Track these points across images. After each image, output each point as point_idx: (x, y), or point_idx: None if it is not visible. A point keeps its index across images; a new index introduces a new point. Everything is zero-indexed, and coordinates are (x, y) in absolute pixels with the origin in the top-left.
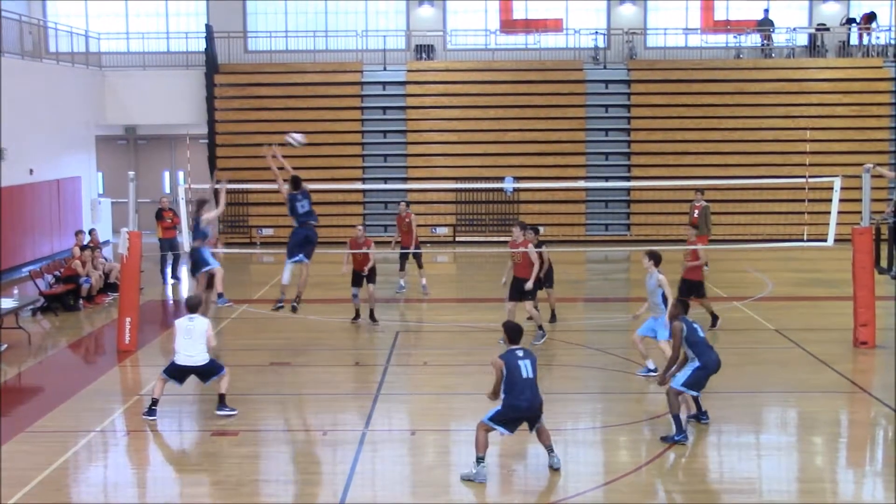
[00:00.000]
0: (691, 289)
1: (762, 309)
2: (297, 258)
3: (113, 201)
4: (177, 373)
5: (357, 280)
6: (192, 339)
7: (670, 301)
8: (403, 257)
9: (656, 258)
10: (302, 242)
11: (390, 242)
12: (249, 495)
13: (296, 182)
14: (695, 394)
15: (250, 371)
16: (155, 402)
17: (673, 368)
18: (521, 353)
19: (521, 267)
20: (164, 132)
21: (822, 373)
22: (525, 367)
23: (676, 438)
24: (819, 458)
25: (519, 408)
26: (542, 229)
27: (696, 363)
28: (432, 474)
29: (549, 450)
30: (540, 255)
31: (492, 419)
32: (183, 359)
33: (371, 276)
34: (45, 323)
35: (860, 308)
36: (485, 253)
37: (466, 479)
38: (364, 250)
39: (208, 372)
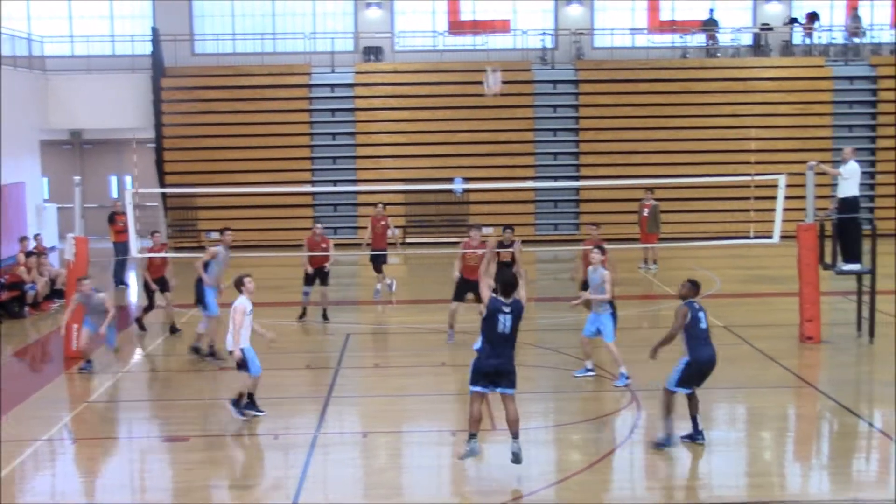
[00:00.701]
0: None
1: (710, 306)
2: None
3: (59, 207)
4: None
5: (310, 280)
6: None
7: (607, 293)
8: (377, 259)
9: (603, 251)
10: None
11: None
12: (201, 500)
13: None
14: (687, 391)
15: (200, 376)
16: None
17: (662, 344)
18: (506, 308)
19: (474, 268)
20: (111, 136)
21: (769, 368)
22: (503, 322)
23: (660, 443)
24: (767, 453)
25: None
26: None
27: (686, 358)
28: (385, 476)
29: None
30: (512, 254)
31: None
32: (247, 341)
33: (325, 278)
34: None
35: (806, 304)
36: (434, 254)
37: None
38: (323, 247)
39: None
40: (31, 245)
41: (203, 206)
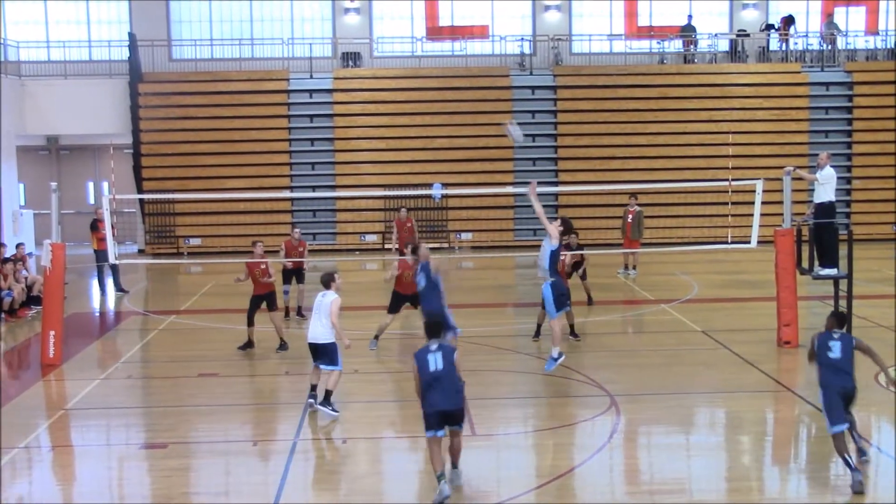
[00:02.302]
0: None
1: (689, 311)
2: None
3: (35, 213)
4: (310, 350)
5: (288, 276)
6: (319, 314)
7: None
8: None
9: (568, 226)
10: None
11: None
12: None
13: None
14: (841, 427)
15: (178, 382)
16: (312, 387)
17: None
18: (433, 347)
19: (409, 284)
20: (88, 142)
21: (747, 373)
22: (434, 360)
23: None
24: (746, 457)
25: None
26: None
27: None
28: (364, 482)
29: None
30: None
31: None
32: (309, 335)
33: (300, 276)
34: None
35: (783, 308)
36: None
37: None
38: (300, 251)
39: (323, 352)
40: (9, 252)
41: (181, 212)
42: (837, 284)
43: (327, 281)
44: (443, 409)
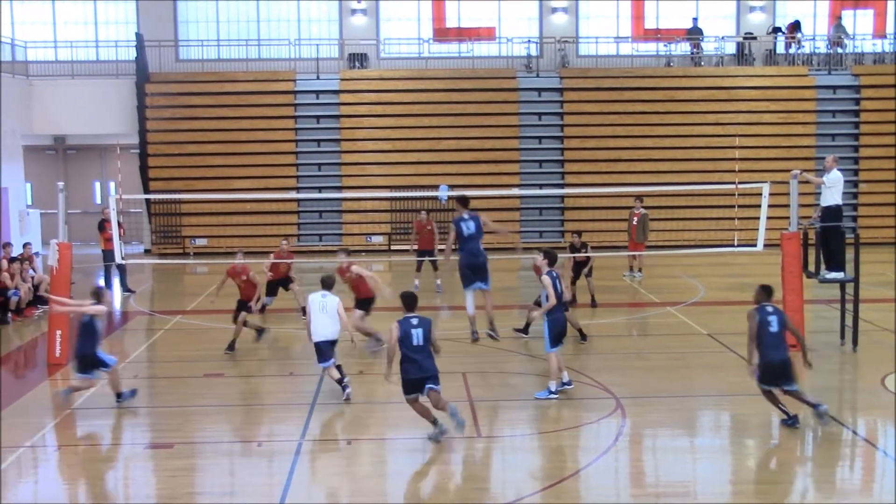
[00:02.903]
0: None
1: (695, 314)
2: (475, 286)
3: (42, 212)
4: (318, 350)
5: (273, 290)
6: (326, 314)
7: (548, 303)
8: (420, 261)
9: (551, 258)
10: (474, 268)
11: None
12: None
13: (464, 201)
14: (790, 388)
15: (184, 383)
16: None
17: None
18: (414, 322)
19: (360, 288)
20: (94, 142)
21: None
22: (416, 335)
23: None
24: (751, 460)
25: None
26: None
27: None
28: (369, 483)
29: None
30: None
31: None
32: (318, 335)
33: (287, 284)
34: None
35: (789, 311)
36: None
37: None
38: (286, 261)
39: (331, 349)
40: (15, 251)
41: (187, 212)
42: (844, 288)
43: (330, 284)
44: (420, 377)
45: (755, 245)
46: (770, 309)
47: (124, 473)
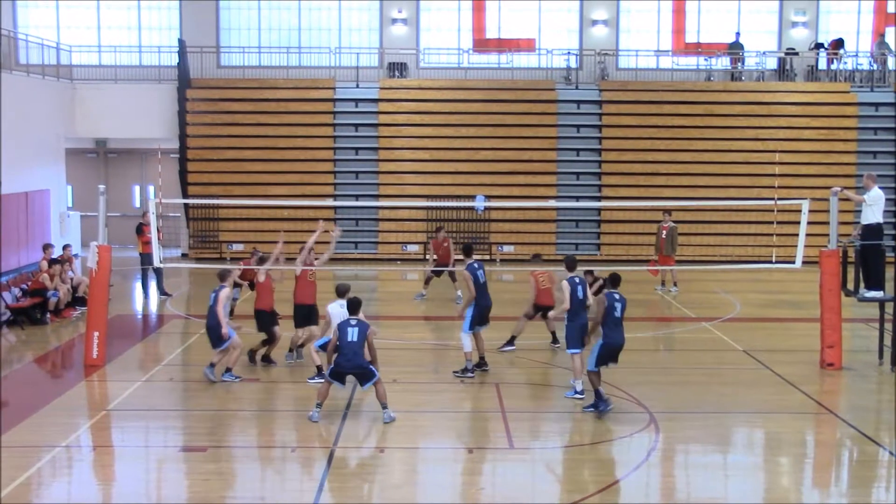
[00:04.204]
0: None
1: (730, 330)
2: (482, 327)
3: (82, 215)
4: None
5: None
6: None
7: (563, 307)
8: (437, 274)
9: (570, 263)
10: (488, 311)
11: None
12: None
13: (468, 250)
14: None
15: (219, 387)
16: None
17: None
18: (353, 322)
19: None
20: (135, 146)
21: (788, 394)
22: (352, 333)
23: (601, 408)
24: (785, 479)
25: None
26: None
27: (600, 341)
28: (400, 492)
29: (383, 406)
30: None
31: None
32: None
33: None
34: (10, 336)
35: (827, 330)
36: (455, 271)
37: None
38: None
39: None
40: (56, 253)
41: (225, 217)
42: (883, 307)
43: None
44: (345, 370)
45: (793, 262)
46: (617, 296)
47: (157, 475)
